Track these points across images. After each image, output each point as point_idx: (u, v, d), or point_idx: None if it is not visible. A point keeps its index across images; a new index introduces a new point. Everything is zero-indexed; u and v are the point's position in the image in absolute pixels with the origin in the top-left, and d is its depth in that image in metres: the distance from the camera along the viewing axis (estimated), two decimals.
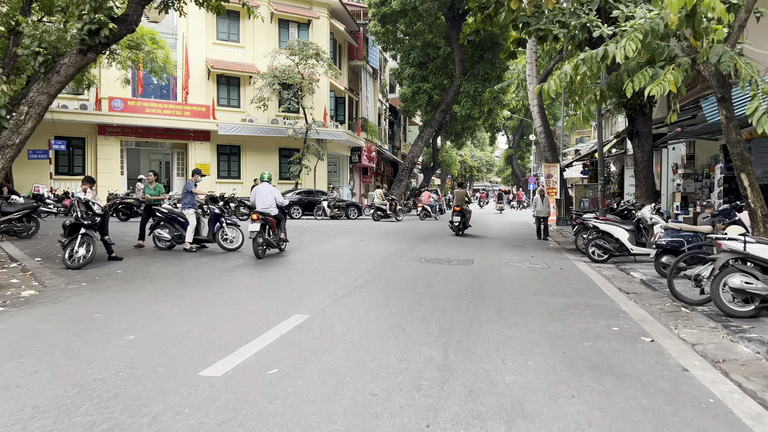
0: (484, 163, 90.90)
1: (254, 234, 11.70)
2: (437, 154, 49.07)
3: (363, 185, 43.22)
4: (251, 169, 31.96)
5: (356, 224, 23.73)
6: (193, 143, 30.32)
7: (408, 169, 37.27)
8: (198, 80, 30.30)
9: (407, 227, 22.56)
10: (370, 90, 41.57)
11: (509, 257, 13.32)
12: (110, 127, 27.97)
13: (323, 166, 33.97)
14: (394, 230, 20.52)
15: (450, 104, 36.97)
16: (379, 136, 44.39)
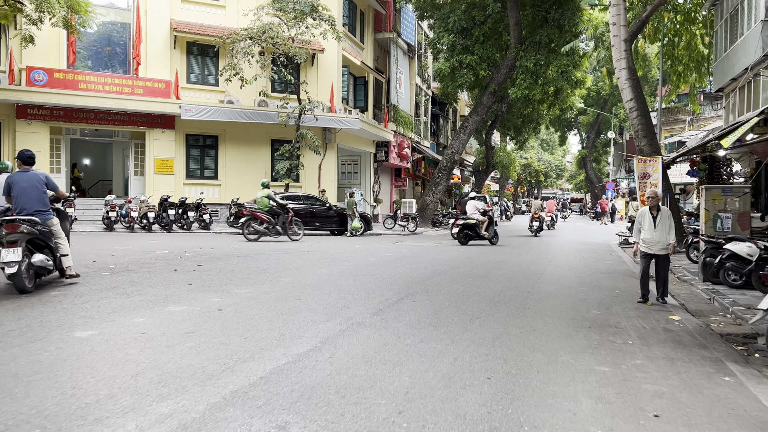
0: (553, 167, 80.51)
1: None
2: (491, 153, 40.08)
3: (396, 190, 34.78)
4: (233, 167, 24.19)
5: (321, 251, 15.40)
6: (152, 132, 22.84)
7: (446, 169, 28.62)
8: (158, 48, 22.83)
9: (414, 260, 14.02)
10: (404, 71, 33.17)
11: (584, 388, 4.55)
12: (33, 108, 20.84)
13: (331, 164, 25.81)
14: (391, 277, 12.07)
15: (502, 83, 28.07)
16: (416, 130, 35.89)
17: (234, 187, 23.62)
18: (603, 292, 8.90)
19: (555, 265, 12.59)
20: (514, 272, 10.90)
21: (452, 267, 11.07)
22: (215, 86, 23.89)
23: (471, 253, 14.48)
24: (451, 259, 12.64)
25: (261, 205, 17.63)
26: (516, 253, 15.19)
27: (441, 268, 10.88)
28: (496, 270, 11.08)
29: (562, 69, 26.05)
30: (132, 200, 20.98)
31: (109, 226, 19.49)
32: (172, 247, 13.03)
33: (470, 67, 27.39)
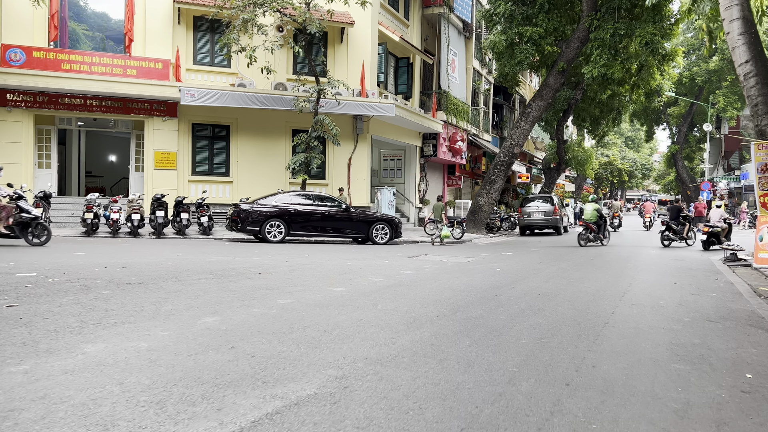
0: (639, 166, 73.19)
1: None
2: (563, 148, 34.93)
3: (449, 190, 30.43)
4: (247, 162, 20.73)
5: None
6: (151, 120, 19.69)
7: (504, 165, 24.02)
8: (159, 23, 19.68)
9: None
10: (459, 52, 28.80)
11: None
12: (12, 94, 18.10)
13: (363, 158, 21.87)
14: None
15: (572, 60, 23.22)
16: (473, 121, 31.40)
17: (247, 185, 20.16)
18: (720, 381, 4.46)
19: (631, 301, 8.08)
20: (559, 320, 6.54)
21: (452, 310, 6.83)
22: (226, 68, 20.50)
23: (505, 277, 10.11)
24: (465, 291, 8.36)
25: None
26: (578, 275, 10.67)
27: (433, 312, 6.66)
28: (530, 314, 6.76)
29: (647, 39, 20.93)
30: (119, 199, 17.84)
31: (87, 229, 16.38)
32: (79, 263, 9.45)
33: (532, 42, 22.70)
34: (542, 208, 25.36)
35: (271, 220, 16.06)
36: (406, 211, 26.53)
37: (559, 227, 25.38)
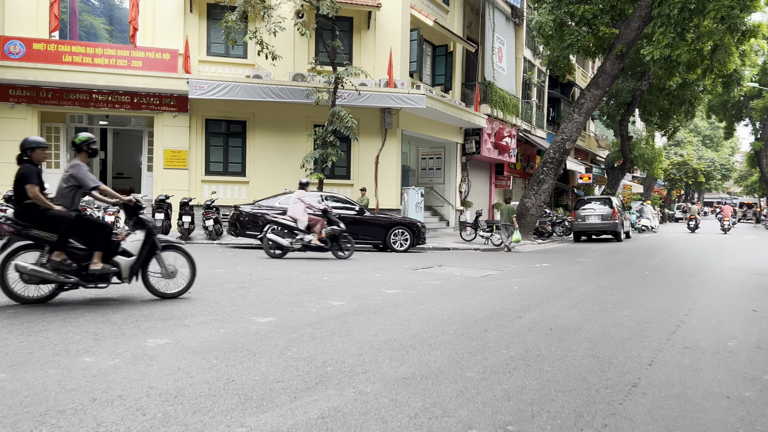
0: (717, 166, 67.48)
1: None
2: (628, 145, 31.66)
3: (496, 191, 27.89)
4: (264, 160, 19.04)
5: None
6: (161, 116, 18.29)
7: (554, 162, 21.33)
8: (169, 12, 18.28)
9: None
10: (507, 40, 26.25)
11: None
12: (15, 89, 17.08)
13: (392, 156, 19.77)
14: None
15: (632, 43, 20.33)
16: (524, 116, 28.72)
17: (265, 185, 18.43)
18: None
19: (684, 341, 5.67)
20: (559, 379, 4.30)
21: (398, 359, 4.68)
22: (242, 58, 18.87)
23: (518, 300, 7.79)
24: (445, 323, 6.16)
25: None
26: (619, 298, 8.22)
27: (363, 364, 4.54)
28: (518, 369, 4.54)
29: (723, 14, 17.83)
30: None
31: None
32: None
33: (585, 22, 19.97)
34: (599, 211, 22.47)
35: (273, 224, 14.17)
36: (446, 214, 24.23)
37: (618, 232, 22.41)
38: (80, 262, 5.97)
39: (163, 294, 6.60)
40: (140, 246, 6.33)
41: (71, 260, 5.90)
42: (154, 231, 6.52)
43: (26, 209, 5.80)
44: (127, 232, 6.47)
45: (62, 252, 5.85)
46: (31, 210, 5.80)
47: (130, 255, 6.28)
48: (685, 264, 13.85)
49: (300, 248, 11.99)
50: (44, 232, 5.82)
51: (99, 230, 6.08)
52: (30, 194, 5.77)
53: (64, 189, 6.17)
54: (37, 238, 5.83)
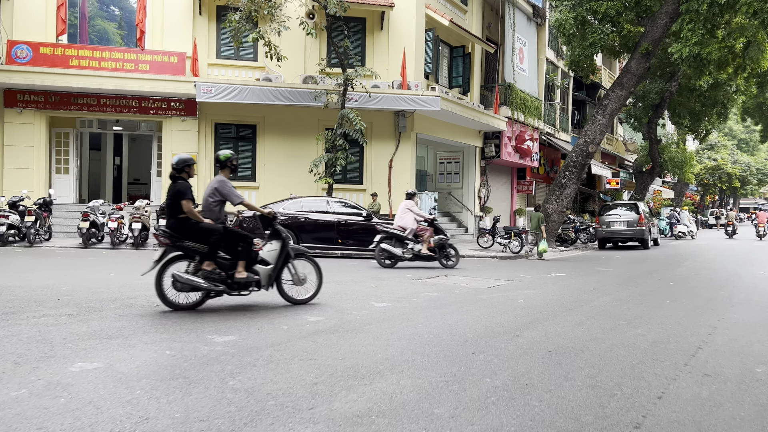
0: (754, 171, 65.12)
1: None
2: (657, 149, 30.47)
3: (518, 196, 27.01)
4: (274, 165, 18.57)
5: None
6: (169, 120, 17.96)
7: (577, 166, 20.42)
8: (177, 14, 17.96)
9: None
10: (528, 41, 25.44)
11: None
12: (23, 94, 16.92)
13: (406, 160, 19.12)
14: None
15: (659, 40, 19.37)
16: (547, 119, 27.81)
17: (275, 190, 17.96)
18: None
19: (704, 366, 4.95)
20: (545, 418, 3.57)
21: (346, 386, 4.01)
22: (253, 61, 18.45)
23: (521, 315, 7.09)
24: (430, 343, 5.51)
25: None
26: (635, 313, 7.46)
27: (296, 402, 3.90)
28: (497, 404, 3.86)
29: (756, 8, 16.79)
30: (124, 207, 16.15)
31: (85, 240, 14.72)
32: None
33: (608, 19, 19.08)
34: (624, 217, 21.46)
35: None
36: (464, 221, 23.46)
37: (645, 239, 21.35)
38: (226, 271, 6.38)
39: (295, 300, 6.96)
40: (276, 255, 6.74)
41: (220, 269, 6.33)
42: (287, 241, 6.90)
43: (180, 222, 6.24)
44: (264, 243, 6.85)
45: (212, 262, 6.29)
46: (184, 223, 6.24)
47: (268, 264, 6.69)
48: (714, 274, 12.89)
49: (410, 258, 11.97)
50: (195, 244, 6.27)
51: (242, 241, 6.46)
52: (185, 209, 6.21)
53: (211, 203, 6.57)
54: (189, 249, 6.27)
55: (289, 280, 6.97)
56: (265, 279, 6.66)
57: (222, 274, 6.36)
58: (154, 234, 6.57)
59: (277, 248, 6.78)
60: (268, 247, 6.77)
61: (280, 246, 6.80)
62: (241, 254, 6.44)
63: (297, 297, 7.01)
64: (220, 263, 6.37)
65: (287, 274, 6.96)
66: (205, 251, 6.27)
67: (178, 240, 6.25)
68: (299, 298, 7.02)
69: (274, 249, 6.77)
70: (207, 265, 6.28)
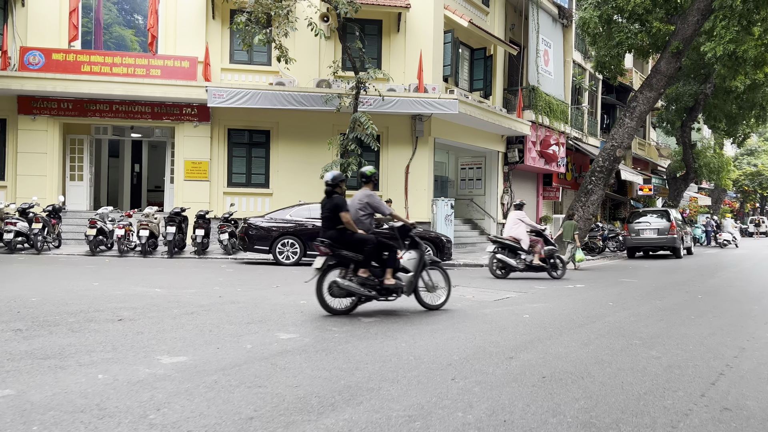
0: None
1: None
2: (691, 154, 29.23)
3: (544, 203, 26.13)
4: (288, 171, 18.16)
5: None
6: (182, 126, 17.71)
7: (603, 171, 19.50)
8: (190, 19, 17.74)
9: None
10: (553, 43, 24.64)
11: None
12: (36, 101, 16.86)
13: (424, 165, 18.51)
14: None
15: (690, 39, 18.40)
16: (575, 123, 26.89)
17: (289, 197, 17.53)
18: None
19: (725, 398, 4.25)
20: None
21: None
22: (266, 65, 18.09)
23: (523, 333, 6.45)
24: (419, 359, 5.01)
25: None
26: (653, 331, 6.74)
27: None
28: None
29: None
30: (133, 214, 15.91)
31: (92, 247, 14.50)
32: None
33: (636, 17, 18.20)
34: (655, 225, 20.43)
35: (283, 237, 13.20)
36: (486, 228, 22.68)
37: (677, 248, 20.27)
38: (377, 278, 6.86)
39: (429, 306, 7.38)
40: (416, 263, 7.18)
41: (373, 277, 6.81)
42: (424, 251, 7.37)
43: (339, 233, 6.73)
44: (403, 252, 7.28)
45: (367, 269, 6.79)
46: (342, 234, 6.74)
47: (408, 271, 7.14)
48: (750, 286, 11.94)
49: (523, 268, 11.95)
50: (351, 253, 6.75)
51: (388, 250, 6.94)
52: (344, 220, 6.71)
53: (362, 216, 7.05)
54: (345, 257, 6.75)
55: (422, 287, 7.40)
56: (407, 285, 7.10)
57: (375, 280, 6.83)
58: (315, 244, 6.91)
59: (415, 257, 7.23)
60: (407, 256, 7.23)
61: (419, 255, 7.24)
62: (388, 262, 6.90)
63: (431, 303, 7.43)
64: (373, 271, 6.84)
65: (421, 282, 7.37)
66: (360, 260, 6.75)
67: (336, 249, 6.69)
68: (433, 304, 7.44)
69: (413, 258, 7.23)
70: (362, 273, 6.77)
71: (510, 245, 12.01)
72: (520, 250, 12.00)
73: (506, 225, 12.57)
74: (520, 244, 12.00)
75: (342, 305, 6.84)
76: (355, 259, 6.76)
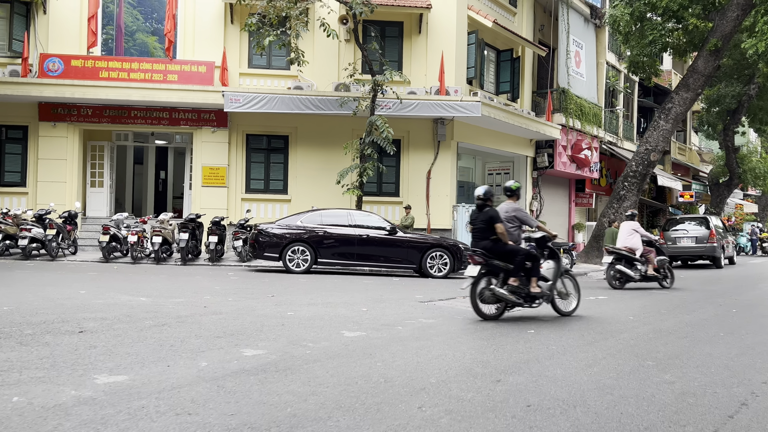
0: None
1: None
2: (735, 158, 27.83)
3: (577, 210, 25.17)
4: (307, 177, 17.79)
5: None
6: (200, 132, 17.54)
7: (636, 176, 18.57)
8: (208, 23, 17.60)
9: None
10: (585, 44, 23.76)
11: None
12: (56, 107, 16.91)
13: (446, 171, 17.91)
14: None
15: (730, 36, 17.40)
16: (608, 127, 25.89)
17: (307, 203, 17.07)
18: None
19: None
20: None
21: None
22: (285, 70, 17.76)
23: (522, 351, 5.83)
24: (390, 382, 4.48)
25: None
26: (671, 350, 6.06)
27: None
28: None
29: None
30: (148, 220, 15.75)
31: (105, 254, 14.37)
32: None
33: (670, 14, 17.29)
34: (693, 233, 19.34)
35: (293, 244, 12.77)
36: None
37: (717, 258, 19.13)
38: (525, 286, 7.24)
39: (563, 312, 7.77)
40: (554, 272, 7.56)
41: (522, 285, 7.17)
42: (560, 260, 7.75)
43: (492, 243, 7.16)
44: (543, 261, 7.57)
45: (517, 278, 7.15)
46: (496, 244, 7.16)
47: (548, 280, 7.51)
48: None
49: (638, 279, 12.02)
50: (502, 262, 7.14)
51: (533, 260, 7.27)
52: (498, 232, 7.10)
53: (510, 227, 7.42)
54: (497, 267, 7.15)
55: (556, 294, 7.72)
56: (547, 293, 7.46)
57: (523, 289, 7.19)
58: (468, 254, 7.38)
59: (553, 266, 7.60)
60: (546, 265, 7.54)
61: (556, 265, 7.61)
62: (533, 271, 7.23)
63: (564, 309, 7.79)
64: (520, 279, 7.19)
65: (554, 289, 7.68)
66: (510, 269, 7.11)
67: (489, 259, 7.10)
68: (566, 310, 7.81)
69: (551, 267, 7.58)
70: (513, 281, 7.13)
71: (626, 256, 12.05)
72: (636, 260, 12.05)
73: (620, 235, 12.67)
74: (635, 254, 12.04)
75: (490, 311, 7.24)
76: (505, 269, 7.13)
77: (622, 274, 11.99)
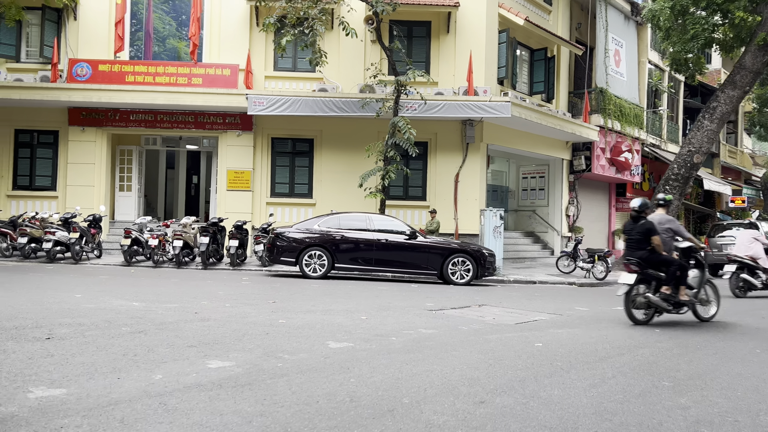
0: None
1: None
2: None
3: (617, 215, 24.14)
4: (331, 181, 17.48)
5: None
6: (225, 135, 17.44)
7: (679, 179, 17.54)
8: (233, 26, 17.51)
9: None
10: (626, 42, 22.78)
11: None
12: (85, 112, 17.08)
13: (474, 174, 17.32)
14: None
15: None
16: (652, 129, 24.78)
17: (332, 207, 16.78)
18: None
19: None
20: None
21: None
22: (311, 72, 17.49)
23: (522, 368, 5.29)
24: (356, 400, 4.03)
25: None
26: (690, 372, 5.43)
27: None
28: None
29: None
30: (170, 224, 15.67)
31: (127, 257, 14.34)
32: None
33: (714, 7, 16.32)
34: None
35: (310, 249, 12.41)
36: (550, 242, 21.07)
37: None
38: (675, 294, 7.58)
39: (703, 318, 8.10)
40: (699, 281, 7.95)
41: (673, 293, 7.53)
42: (706, 269, 8.08)
43: (649, 253, 7.51)
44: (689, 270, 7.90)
45: (669, 287, 7.52)
46: (652, 254, 7.52)
47: (692, 288, 7.88)
48: None
49: (761, 287, 12.20)
50: (655, 272, 7.54)
51: (682, 270, 7.60)
52: (654, 242, 7.49)
53: (664, 237, 7.77)
54: (650, 275, 7.54)
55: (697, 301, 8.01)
56: (692, 301, 7.83)
57: (674, 296, 7.53)
58: (623, 263, 7.67)
59: (698, 275, 7.95)
60: (691, 273, 7.86)
61: (701, 274, 7.97)
62: (681, 280, 7.58)
63: (704, 315, 8.12)
64: (672, 288, 7.53)
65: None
66: (662, 278, 7.51)
67: (644, 268, 7.48)
68: (706, 316, 8.14)
69: (696, 276, 7.95)
70: (665, 289, 7.50)
71: (747, 264, 12.18)
72: (758, 269, 12.19)
73: (738, 244, 12.79)
74: (757, 263, 12.17)
75: (640, 316, 7.62)
76: (657, 277, 7.51)
77: (746, 283, 12.13)
